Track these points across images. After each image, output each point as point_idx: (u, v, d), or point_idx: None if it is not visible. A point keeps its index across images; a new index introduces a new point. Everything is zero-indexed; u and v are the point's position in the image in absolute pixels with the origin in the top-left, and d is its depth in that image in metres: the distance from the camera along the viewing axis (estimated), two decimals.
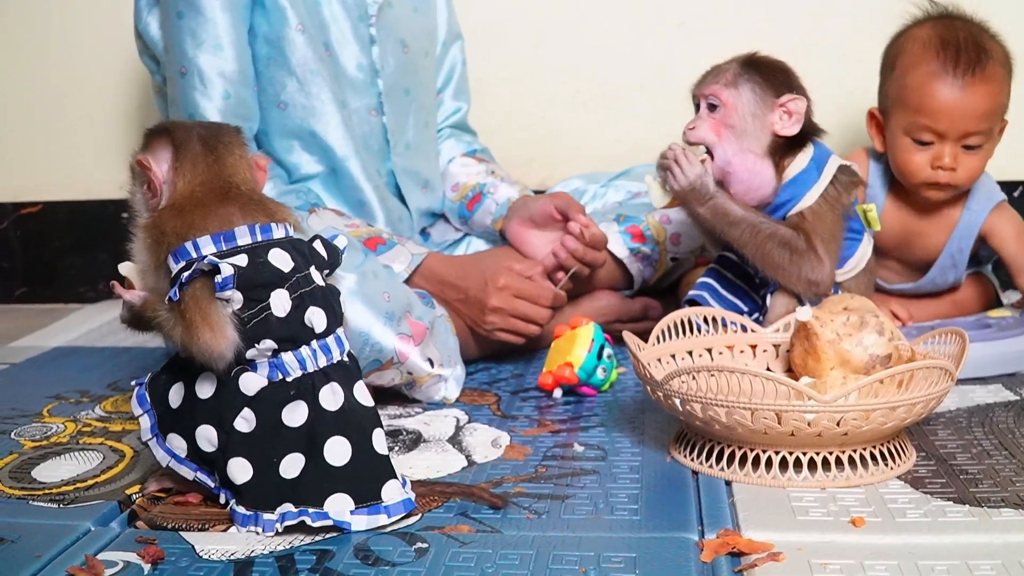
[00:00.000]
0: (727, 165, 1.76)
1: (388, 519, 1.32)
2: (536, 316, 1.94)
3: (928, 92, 1.93)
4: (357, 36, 2.06)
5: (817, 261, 1.71)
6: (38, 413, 1.82)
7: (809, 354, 1.54)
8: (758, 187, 1.76)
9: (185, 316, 1.27)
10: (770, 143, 1.74)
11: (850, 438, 1.38)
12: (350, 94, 2.07)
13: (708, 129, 1.76)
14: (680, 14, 2.57)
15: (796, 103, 1.72)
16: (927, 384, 1.39)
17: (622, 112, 2.65)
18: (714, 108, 1.76)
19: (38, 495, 1.46)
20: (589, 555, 1.22)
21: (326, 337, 1.36)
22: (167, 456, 1.37)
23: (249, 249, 1.32)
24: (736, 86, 1.74)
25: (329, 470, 1.31)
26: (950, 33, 1.95)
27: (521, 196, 2.18)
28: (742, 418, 1.37)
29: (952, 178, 1.96)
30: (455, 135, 2.35)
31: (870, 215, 1.77)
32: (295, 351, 1.33)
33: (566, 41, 2.63)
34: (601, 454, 1.55)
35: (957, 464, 1.45)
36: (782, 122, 1.73)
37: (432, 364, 1.76)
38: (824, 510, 1.31)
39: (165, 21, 1.95)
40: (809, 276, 1.71)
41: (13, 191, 2.78)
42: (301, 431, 1.31)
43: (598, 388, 1.82)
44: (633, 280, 2.19)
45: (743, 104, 1.74)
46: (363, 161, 2.06)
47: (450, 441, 1.63)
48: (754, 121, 1.74)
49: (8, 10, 2.75)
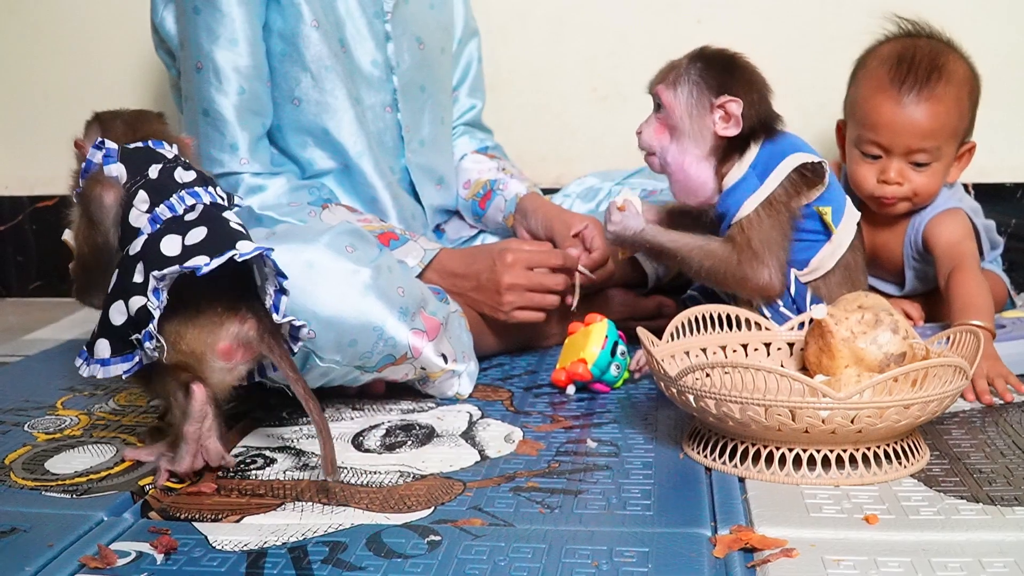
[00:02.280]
0: (667, 166, 1.76)
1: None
2: (551, 283, 1.94)
3: (873, 106, 1.95)
4: (372, 32, 2.06)
5: (758, 266, 1.68)
6: (52, 405, 1.82)
7: (823, 352, 1.54)
8: (696, 189, 1.75)
9: (82, 196, 1.56)
10: (713, 144, 1.72)
11: (864, 436, 1.38)
12: (365, 90, 2.07)
13: (652, 132, 1.76)
14: (699, 11, 2.57)
15: (732, 105, 1.67)
16: (941, 382, 1.38)
17: (639, 109, 2.64)
18: (659, 108, 1.76)
19: (51, 486, 1.46)
20: (602, 549, 1.22)
21: (194, 187, 1.55)
22: (98, 367, 1.45)
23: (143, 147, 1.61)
24: (676, 86, 1.73)
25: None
26: (907, 51, 1.97)
27: (529, 192, 2.19)
28: (756, 414, 1.36)
29: (897, 192, 1.96)
30: (469, 132, 2.35)
31: (826, 218, 1.72)
32: (166, 201, 1.49)
33: (583, 37, 2.62)
34: (614, 450, 1.54)
35: (970, 462, 1.45)
36: (721, 123, 1.70)
37: (446, 360, 1.76)
38: (837, 507, 1.31)
39: (181, 16, 1.96)
40: (753, 282, 1.69)
41: (29, 184, 2.79)
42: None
43: (611, 385, 1.82)
44: (647, 277, 2.18)
45: (680, 105, 1.72)
46: (376, 158, 2.07)
47: (463, 436, 1.63)
48: (692, 122, 1.72)
49: (26, 5, 2.75)
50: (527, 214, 2.16)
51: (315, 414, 1.41)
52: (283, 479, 1.47)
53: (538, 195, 2.21)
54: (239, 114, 1.96)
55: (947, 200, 2.04)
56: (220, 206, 1.54)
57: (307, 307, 1.59)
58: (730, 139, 1.71)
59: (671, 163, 1.75)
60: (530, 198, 2.18)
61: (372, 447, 1.59)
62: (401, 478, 1.46)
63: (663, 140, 1.75)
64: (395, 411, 1.75)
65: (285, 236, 1.66)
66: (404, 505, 1.36)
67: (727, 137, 1.70)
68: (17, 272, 2.85)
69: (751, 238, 1.68)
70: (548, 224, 2.10)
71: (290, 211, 1.97)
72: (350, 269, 1.63)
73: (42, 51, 2.78)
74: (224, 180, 1.97)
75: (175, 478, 1.46)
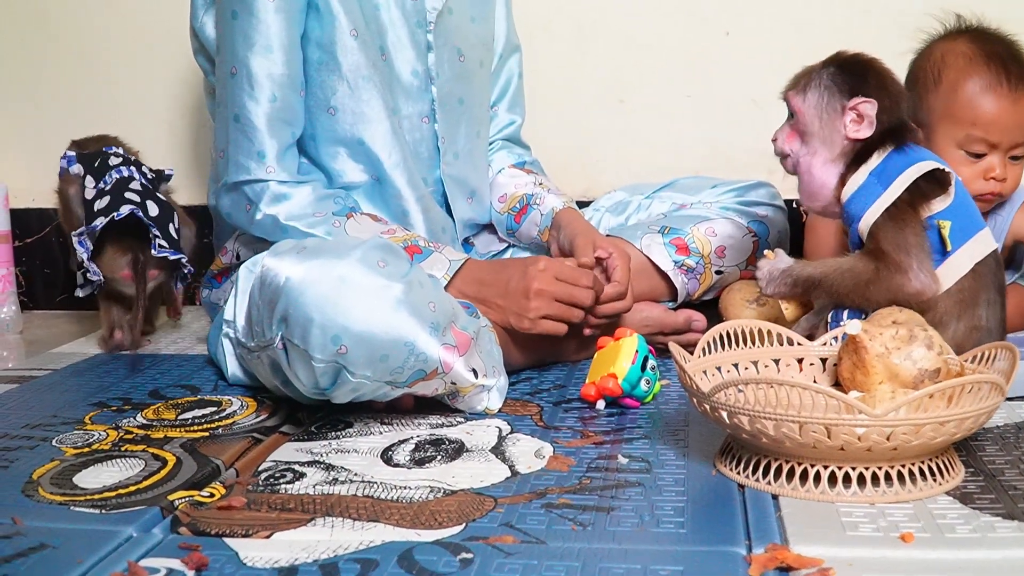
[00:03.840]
0: (796, 168, 1.77)
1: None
2: (580, 296, 1.93)
3: (983, 104, 1.94)
4: (414, 42, 2.07)
5: (901, 274, 1.63)
6: (80, 420, 1.82)
7: (857, 368, 1.52)
8: (816, 192, 1.75)
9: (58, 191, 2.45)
10: (844, 147, 1.71)
11: (899, 453, 1.36)
12: (403, 100, 2.08)
13: (785, 138, 1.77)
14: (727, 23, 2.56)
15: (865, 106, 1.66)
16: (976, 399, 1.37)
17: (667, 122, 2.64)
18: (792, 116, 1.76)
19: (79, 501, 1.45)
20: (636, 568, 1.20)
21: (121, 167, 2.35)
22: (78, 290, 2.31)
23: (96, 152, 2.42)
24: (805, 91, 1.73)
25: None
26: (991, 47, 1.96)
27: (565, 207, 2.18)
28: (790, 431, 1.35)
29: (1002, 188, 1.96)
30: (507, 147, 2.35)
31: (943, 231, 1.65)
32: (103, 179, 2.33)
33: (610, 49, 2.62)
34: (646, 466, 1.53)
35: (1006, 480, 1.43)
36: (852, 126, 1.69)
37: (476, 375, 1.75)
38: (873, 525, 1.29)
39: (219, 21, 1.97)
40: (904, 291, 1.64)
41: (55, 197, 2.79)
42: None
43: (641, 400, 1.81)
44: (677, 292, 2.17)
45: (810, 109, 1.72)
46: (410, 171, 2.07)
47: (493, 451, 1.62)
48: (822, 126, 1.71)
49: (57, 23, 2.76)
50: (560, 228, 2.16)
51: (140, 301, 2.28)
52: (312, 493, 1.46)
53: (573, 210, 2.20)
54: (269, 122, 1.96)
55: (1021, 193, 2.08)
56: (128, 179, 2.32)
57: (338, 321, 1.58)
58: (861, 147, 1.70)
59: (801, 164, 1.75)
60: (565, 212, 2.18)
61: (402, 462, 1.58)
62: (431, 493, 1.45)
63: (794, 145, 1.75)
64: (424, 425, 1.75)
65: (317, 251, 1.66)
66: (435, 521, 1.35)
67: (859, 141, 1.69)
68: (44, 285, 2.86)
69: (884, 247, 1.64)
70: (572, 239, 2.09)
71: (315, 221, 1.97)
72: (382, 284, 1.62)
73: (69, 67, 2.79)
74: (250, 187, 1.98)
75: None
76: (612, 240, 2.10)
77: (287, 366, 1.66)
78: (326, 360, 1.60)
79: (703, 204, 2.27)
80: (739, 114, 2.23)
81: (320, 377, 1.63)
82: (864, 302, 1.67)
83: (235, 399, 1.92)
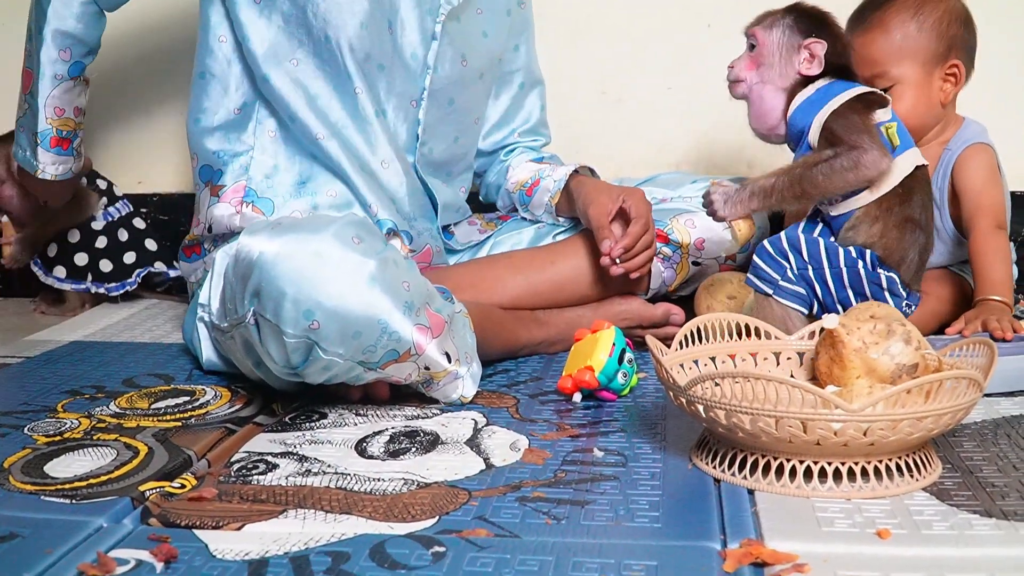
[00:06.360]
0: (748, 92, 1.94)
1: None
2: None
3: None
4: (422, 27, 2.10)
5: (855, 150, 1.78)
6: (52, 408, 1.80)
7: (835, 362, 1.52)
8: (766, 114, 1.92)
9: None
10: (794, 81, 1.89)
11: (876, 448, 1.36)
12: (400, 76, 2.07)
13: (743, 66, 1.94)
14: (708, 14, 2.56)
15: (817, 46, 1.85)
16: (955, 394, 1.36)
17: (649, 114, 2.64)
18: (753, 47, 1.93)
19: (49, 490, 1.44)
20: (609, 562, 1.20)
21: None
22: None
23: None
24: (771, 28, 1.91)
25: None
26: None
27: (579, 175, 2.23)
28: (766, 426, 1.34)
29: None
30: (526, 152, 2.38)
31: (890, 131, 1.83)
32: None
33: (591, 41, 2.61)
34: (621, 460, 1.52)
35: (983, 476, 1.43)
36: (806, 63, 1.87)
37: (449, 359, 1.74)
38: (849, 521, 1.29)
39: None
40: (861, 164, 1.78)
41: None
42: None
43: (618, 393, 1.80)
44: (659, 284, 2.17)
45: (772, 42, 1.90)
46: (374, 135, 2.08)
47: (468, 443, 1.61)
48: (780, 59, 1.90)
49: None
50: (572, 196, 2.19)
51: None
52: (285, 485, 1.45)
53: (585, 176, 2.24)
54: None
55: (972, 132, 2.11)
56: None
57: (311, 296, 1.57)
58: (806, 80, 1.88)
59: (753, 90, 1.93)
60: (576, 180, 2.21)
61: (376, 454, 1.57)
62: (405, 486, 1.44)
63: (751, 74, 1.93)
64: (399, 417, 1.73)
65: (291, 227, 1.65)
66: (408, 514, 1.34)
67: (807, 78, 1.87)
68: (19, 272, 2.83)
69: (839, 133, 1.79)
70: (584, 211, 2.11)
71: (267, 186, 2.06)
72: (357, 260, 1.61)
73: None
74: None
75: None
76: (618, 190, 2.11)
77: (259, 343, 1.65)
78: (298, 335, 1.59)
79: (683, 199, 2.27)
80: (720, 106, 2.21)
81: (292, 354, 1.61)
82: (823, 190, 1.81)
83: (209, 388, 1.91)
